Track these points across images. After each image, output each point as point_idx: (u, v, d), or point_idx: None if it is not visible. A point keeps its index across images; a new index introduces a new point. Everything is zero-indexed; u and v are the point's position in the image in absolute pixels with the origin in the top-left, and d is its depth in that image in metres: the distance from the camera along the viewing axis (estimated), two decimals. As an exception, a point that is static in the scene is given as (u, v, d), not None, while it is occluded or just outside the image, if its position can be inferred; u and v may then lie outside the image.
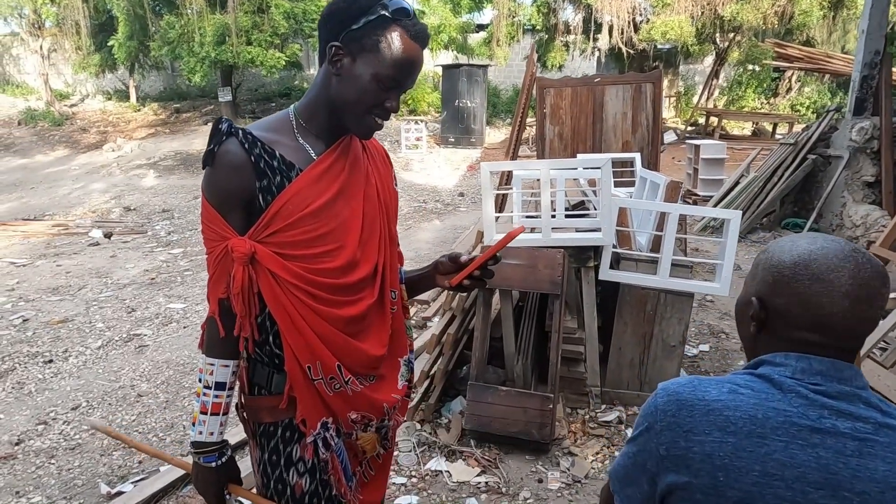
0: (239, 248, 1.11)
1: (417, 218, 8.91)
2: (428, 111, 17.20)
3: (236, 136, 1.12)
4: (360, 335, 1.21)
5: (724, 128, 15.52)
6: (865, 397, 0.82)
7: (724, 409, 0.83)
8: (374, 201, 1.24)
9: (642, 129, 5.76)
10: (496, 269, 2.81)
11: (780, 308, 0.86)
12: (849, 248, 0.86)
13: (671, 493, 0.86)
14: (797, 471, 0.78)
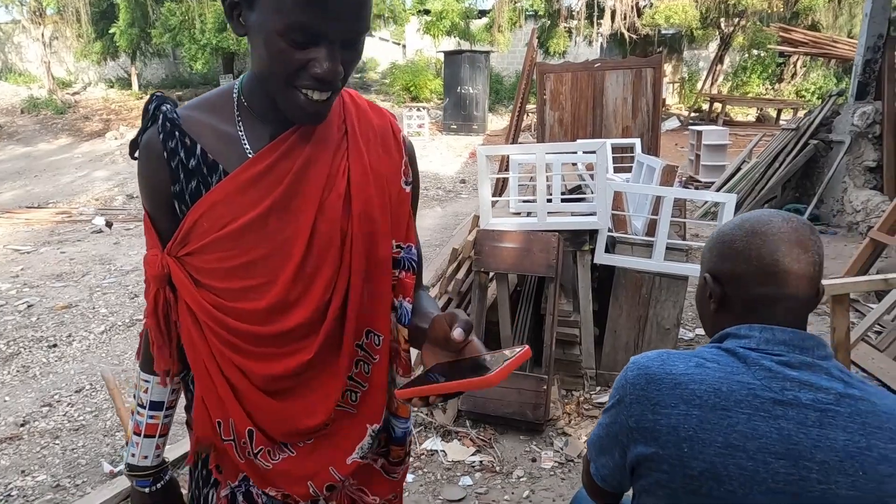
0: (151, 265, 0.89)
1: (419, 205, 8.90)
2: (430, 98, 17.14)
3: (157, 122, 0.88)
4: (290, 396, 0.90)
5: (728, 114, 15.42)
6: (827, 368, 0.85)
7: (689, 383, 0.86)
8: (335, 214, 0.87)
9: (642, 114, 5.75)
10: (492, 253, 2.83)
11: (730, 273, 0.91)
12: (772, 210, 0.93)
13: (640, 463, 0.89)
14: (759, 442, 0.81)
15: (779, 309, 0.88)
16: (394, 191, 0.92)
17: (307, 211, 0.86)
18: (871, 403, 0.82)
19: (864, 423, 0.80)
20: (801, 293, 0.87)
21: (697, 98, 16.39)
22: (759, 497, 0.80)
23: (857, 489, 0.78)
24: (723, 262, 0.93)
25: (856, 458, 0.79)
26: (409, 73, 17.97)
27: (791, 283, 0.87)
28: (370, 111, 0.95)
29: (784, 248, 0.87)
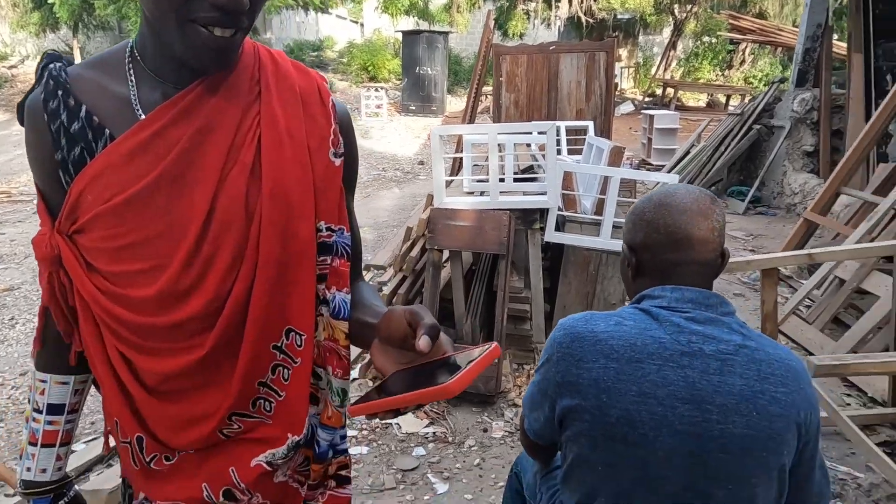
0: (39, 245, 0.78)
1: (377, 186, 8.90)
2: (389, 78, 16.97)
3: (41, 80, 0.77)
4: (181, 399, 0.78)
5: (680, 99, 15.82)
6: (728, 323, 0.94)
7: (609, 339, 0.94)
8: (238, 189, 0.74)
9: (595, 97, 5.87)
10: (445, 231, 2.89)
11: (642, 242, 1.00)
12: (679, 184, 1.07)
13: (566, 415, 0.97)
14: (668, 389, 0.90)
15: (686, 272, 0.97)
16: (319, 164, 0.77)
17: (205, 184, 0.73)
18: (766, 353, 0.92)
19: (758, 371, 0.90)
20: (704, 257, 0.97)
21: (651, 83, 16.75)
22: (668, 438, 0.89)
23: (750, 428, 0.88)
24: (636, 233, 1.02)
25: (750, 401, 0.88)
26: (366, 53, 17.73)
27: (695, 248, 0.97)
28: (293, 70, 0.80)
29: (686, 216, 0.97)
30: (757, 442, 0.88)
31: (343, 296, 0.81)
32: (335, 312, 0.80)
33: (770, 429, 0.88)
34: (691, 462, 0.90)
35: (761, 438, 0.88)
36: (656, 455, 0.90)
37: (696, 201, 0.98)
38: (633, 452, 0.91)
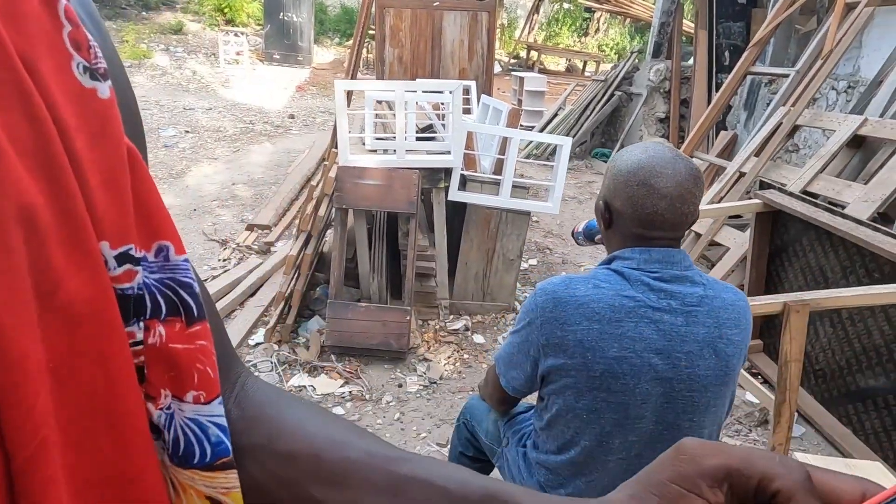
0: None
1: (246, 140, 8.37)
2: (248, 23, 15.75)
3: None
4: None
5: (542, 62, 16.55)
6: (691, 276, 1.07)
7: (590, 303, 1.02)
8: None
9: (478, 57, 5.96)
10: (354, 191, 2.83)
11: (618, 208, 1.08)
12: (671, 154, 1.06)
13: (550, 372, 1.05)
14: (644, 343, 1.01)
15: (654, 242, 1.06)
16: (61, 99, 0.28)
17: None
18: (722, 299, 1.06)
19: (717, 318, 1.04)
20: (675, 235, 1.07)
21: (516, 45, 17.30)
22: (646, 385, 1.01)
23: (711, 368, 1.03)
24: (615, 197, 1.09)
25: (710, 345, 1.03)
26: (222, -8, 16.25)
27: (667, 228, 1.06)
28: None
29: (665, 203, 1.03)
30: (717, 378, 1.04)
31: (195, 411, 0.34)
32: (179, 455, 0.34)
33: (727, 366, 1.04)
34: (664, 402, 1.03)
35: (720, 375, 1.03)
36: (635, 399, 1.02)
37: (679, 185, 1.02)
38: (615, 398, 1.03)
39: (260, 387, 0.43)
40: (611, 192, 1.10)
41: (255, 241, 4.38)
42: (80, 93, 0.29)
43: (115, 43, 4.58)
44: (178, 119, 9.05)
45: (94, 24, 0.35)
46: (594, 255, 4.50)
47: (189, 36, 14.42)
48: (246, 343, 2.94)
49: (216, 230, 4.82)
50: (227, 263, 4.00)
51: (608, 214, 1.11)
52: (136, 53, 12.54)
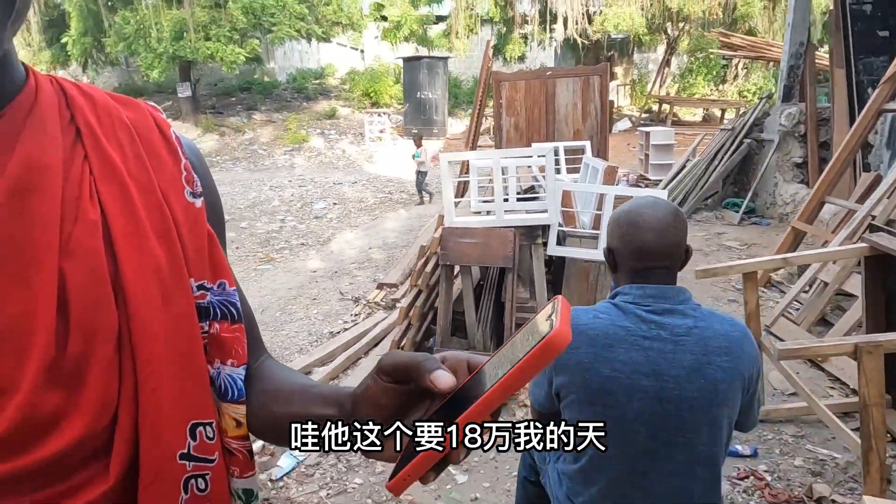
0: None
1: (384, 209, 9.20)
2: (390, 103, 17.41)
3: None
4: None
5: (676, 114, 16.20)
6: (683, 310, 1.20)
7: (588, 330, 1.20)
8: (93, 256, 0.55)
9: (591, 118, 6.18)
10: (456, 248, 3.15)
11: (616, 248, 1.26)
12: (652, 200, 1.26)
13: (560, 389, 1.24)
14: (633, 366, 1.17)
15: (650, 275, 1.23)
16: (177, 208, 0.61)
17: (42, 262, 0.52)
18: (713, 329, 1.18)
19: (705, 346, 1.16)
20: (665, 263, 1.23)
21: (647, 100, 17.16)
22: (636, 403, 1.16)
23: (699, 391, 1.14)
24: (613, 239, 1.30)
25: (698, 371, 1.15)
26: (368, 80, 18.19)
27: (657, 258, 1.23)
28: (116, 104, 0.64)
29: (651, 235, 1.22)
30: (705, 402, 1.15)
31: (231, 370, 0.64)
32: (223, 394, 0.63)
33: (716, 391, 1.15)
34: (655, 420, 1.17)
35: (708, 399, 1.15)
36: (628, 416, 1.17)
37: (660, 221, 1.22)
38: (610, 414, 1.18)
39: (269, 363, 0.73)
40: (610, 237, 1.30)
41: (383, 298, 4.85)
42: (186, 205, 0.62)
43: (280, 131, 5.62)
44: (328, 193, 10.21)
45: (198, 160, 0.68)
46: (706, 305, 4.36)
47: (341, 120, 16.27)
48: (366, 386, 3.30)
49: (352, 289, 5.40)
50: (357, 318, 4.49)
51: (611, 257, 1.30)
52: (297, 138, 14.41)
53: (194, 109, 15.51)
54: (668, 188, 8.11)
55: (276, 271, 6.23)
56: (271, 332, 4.45)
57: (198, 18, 12.81)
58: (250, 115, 16.34)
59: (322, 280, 5.77)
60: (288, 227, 8.13)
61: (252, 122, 15.86)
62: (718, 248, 6.10)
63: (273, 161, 13.30)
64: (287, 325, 4.59)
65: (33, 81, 0.58)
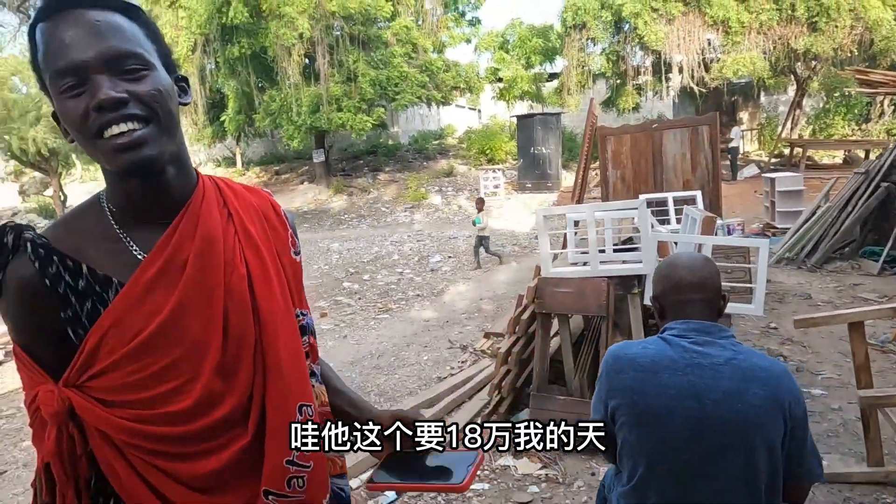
0: (47, 404, 0.80)
1: (495, 261, 9.48)
2: (505, 159, 17.97)
3: (25, 252, 0.81)
4: (235, 492, 0.86)
5: (811, 157, 15.13)
6: (722, 344, 1.33)
7: (637, 358, 1.36)
8: (243, 297, 0.87)
9: (701, 167, 6.10)
10: (550, 296, 3.31)
11: (660, 291, 1.43)
12: (689, 251, 1.51)
13: (614, 411, 1.39)
14: (677, 389, 1.30)
15: (690, 308, 1.38)
16: (287, 262, 0.96)
17: (214, 298, 0.84)
18: (751, 362, 1.29)
19: (742, 375, 1.27)
20: (702, 296, 1.38)
21: (777, 143, 16.21)
22: (679, 422, 1.28)
23: (736, 414, 1.25)
24: (657, 285, 1.47)
25: (736, 396, 1.25)
26: (484, 138, 18.97)
27: (694, 290, 1.39)
28: (248, 193, 0.97)
29: (686, 270, 1.41)
30: (742, 424, 1.25)
31: (316, 367, 1.01)
32: (318, 380, 1.00)
33: (752, 415, 1.24)
34: (697, 439, 1.29)
35: (745, 422, 1.25)
36: (672, 435, 1.29)
37: (693, 260, 1.44)
38: (656, 433, 1.31)
39: (323, 364, 1.09)
40: (654, 285, 1.48)
41: (489, 347, 5.05)
42: (291, 260, 0.99)
43: (402, 190, 6.49)
44: (443, 247, 10.72)
45: (295, 227, 1.05)
46: (834, 360, 4.06)
47: (458, 177, 17.06)
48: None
49: (461, 337, 5.66)
50: (464, 364, 4.72)
51: (657, 303, 1.46)
52: (416, 196, 15.30)
53: (327, 173, 17.08)
54: (795, 236, 7.63)
55: (393, 320, 6.66)
56: (385, 375, 4.81)
57: (332, 93, 14.29)
58: (375, 175, 17.64)
59: (434, 329, 6.10)
60: (405, 280, 8.65)
61: (377, 182, 17.11)
62: (852, 300, 5.64)
63: (394, 218, 14.19)
64: (399, 370, 4.93)
65: (201, 181, 0.92)
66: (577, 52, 14.55)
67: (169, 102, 0.83)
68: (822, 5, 11.96)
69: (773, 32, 12.64)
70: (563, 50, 15.35)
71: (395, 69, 14.56)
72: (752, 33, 12.64)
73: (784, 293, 5.96)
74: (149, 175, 0.83)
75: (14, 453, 4.04)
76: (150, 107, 0.80)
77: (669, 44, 12.89)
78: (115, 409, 0.81)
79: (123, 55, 0.79)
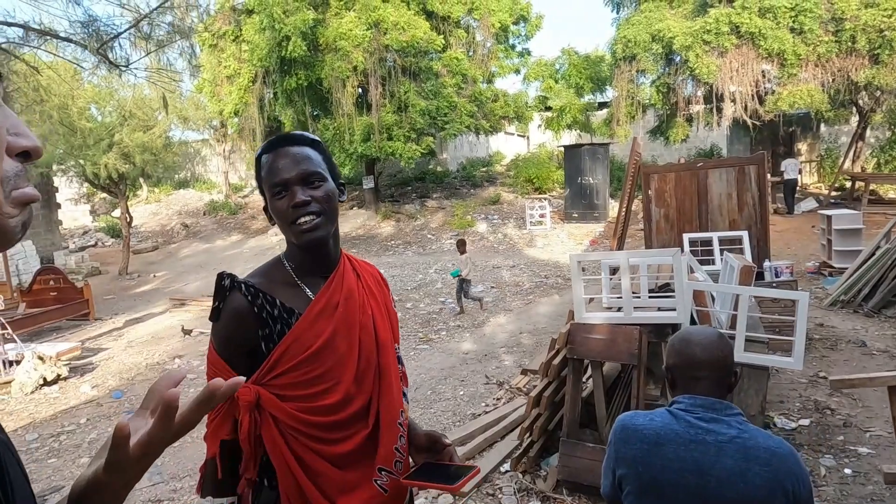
0: (245, 395, 1.20)
1: (538, 293, 9.46)
2: (553, 188, 17.95)
3: (239, 290, 1.23)
4: (355, 465, 1.25)
5: (874, 191, 14.49)
6: (728, 421, 1.35)
7: (643, 430, 1.40)
8: (369, 331, 1.31)
9: (749, 207, 5.99)
10: (582, 342, 3.34)
11: (674, 364, 1.45)
12: (703, 327, 1.54)
13: (621, 480, 1.43)
14: (681, 464, 1.33)
15: (699, 385, 1.40)
16: (390, 310, 1.43)
17: (354, 329, 1.28)
18: (755, 442, 1.31)
19: (745, 455, 1.29)
20: (713, 375, 1.40)
21: (838, 176, 15.61)
22: (682, 496, 1.31)
23: (738, 493, 1.27)
24: (670, 358, 1.49)
25: (739, 474, 1.27)
26: (531, 166, 19.02)
27: (704, 369, 1.42)
28: (365, 264, 1.44)
29: (697, 349, 1.44)
30: (742, 501, 1.26)
31: (406, 389, 1.45)
32: (407, 400, 1.43)
33: (754, 495, 1.26)
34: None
35: (746, 499, 1.26)
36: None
37: (706, 338, 1.45)
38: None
39: None
40: (668, 356, 1.50)
41: (526, 385, 5.06)
42: (391, 310, 1.47)
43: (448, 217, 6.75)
44: (486, 277, 10.77)
45: (387, 283, 1.52)
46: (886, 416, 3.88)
47: (504, 205, 17.13)
48: (498, 469, 3.52)
49: (498, 373, 5.69)
50: (499, 402, 4.74)
51: (669, 375, 1.48)
52: (463, 224, 15.45)
53: (376, 199, 17.48)
54: (852, 278, 7.31)
55: (433, 351, 6.75)
56: (421, 409, 4.88)
57: (383, 122, 14.71)
58: (423, 202, 17.92)
59: (472, 362, 6.15)
60: (447, 309, 8.74)
61: (424, 208, 17.36)
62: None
63: (440, 245, 14.35)
64: (435, 404, 4.99)
65: (342, 252, 1.36)
66: (626, 83, 14.50)
67: (334, 201, 1.29)
68: (884, 38, 11.55)
69: (832, 64, 12.26)
70: (612, 81, 15.34)
71: (444, 99, 14.87)
72: (810, 66, 12.30)
73: (837, 339, 5.73)
74: (318, 247, 1.28)
75: (72, 469, 4.30)
76: (322, 205, 1.25)
77: (722, 76, 12.68)
78: (287, 401, 1.21)
79: (309, 174, 1.26)
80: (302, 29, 13.54)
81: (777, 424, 4.01)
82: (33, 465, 4.40)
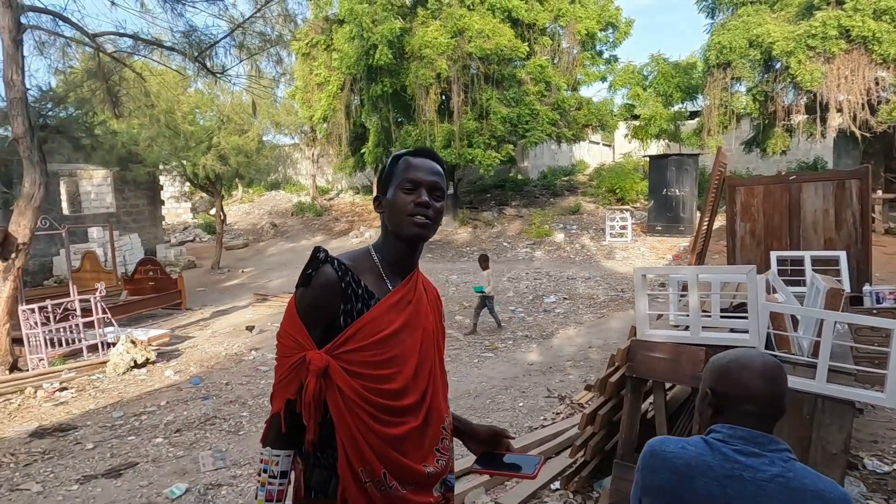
0: (316, 361, 1.30)
1: (613, 307, 9.13)
2: (636, 199, 17.33)
3: (331, 264, 1.36)
4: (404, 452, 1.36)
5: None
6: (772, 458, 1.20)
7: (674, 458, 1.27)
8: (430, 335, 1.45)
9: (848, 225, 5.49)
10: (642, 360, 3.17)
11: (725, 392, 1.29)
12: (761, 353, 1.33)
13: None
14: (711, 500, 1.20)
15: (750, 419, 1.25)
16: (442, 326, 1.58)
17: (418, 329, 1.43)
18: (801, 483, 1.15)
19: (790, 496, 1.14)
20: (768, 412, 1.24)
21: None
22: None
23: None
24: (720, 384, 1.31)
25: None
26: (615, 176, 18.46)
27: (765, 405, 1.26)
28: (429, 283, 1.60)
29: (762, 382, 1.26)
30: None
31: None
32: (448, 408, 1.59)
33: None
34: None
35: None
36: None
37: (769, 370, 1.27)
38: None
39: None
40: (716, 380, 1.31)
41: (588, 401, 4.88)
42: (442, 327, 1.61)
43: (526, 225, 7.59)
44: (559, 287, 10.53)
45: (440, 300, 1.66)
46: None
47: (584, 215, 16.73)
48: (548, 486, 3.40)
49: (561, 386, 5.52)
50: (558, 417, 4.59)
51: (716, 399, 1.31)
52: (540, 232, 15.22)
53: (454, 205, 17.57)
54: None
55: (497, 360, 6.66)
56: (478, 417, 4.81)
57: (464, 128, 14.78)
58: (501, 209, 17.83)
59: (535, 374, 6.01)
60: (517, 319, 8.61)
61: (502, 216, 17.27)
62: None
63: (515, 253, 14.21)
64: (493, 414, 4.91)
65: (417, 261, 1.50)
66: (719, 91, 13.74)
67: (441, 218, 1.46)
68: None
69: (959, 71, 11.07)
70: (704, 89, 14.60)
71: (526, 107, 14.74)
72: (932, 72, 11.16)
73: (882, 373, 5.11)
74: (416, 244, 1.45)
75: (147, 448, 4.59)
76: (436, 215, 1.43)
77: (828, 84, 11.75)
78: (353, 378, 1.32)
79: (436, 187, 1.43)
80: (389, 37, 13.88)
81: (867, 466, 3.63)
82: (115, 440, 4.73)
